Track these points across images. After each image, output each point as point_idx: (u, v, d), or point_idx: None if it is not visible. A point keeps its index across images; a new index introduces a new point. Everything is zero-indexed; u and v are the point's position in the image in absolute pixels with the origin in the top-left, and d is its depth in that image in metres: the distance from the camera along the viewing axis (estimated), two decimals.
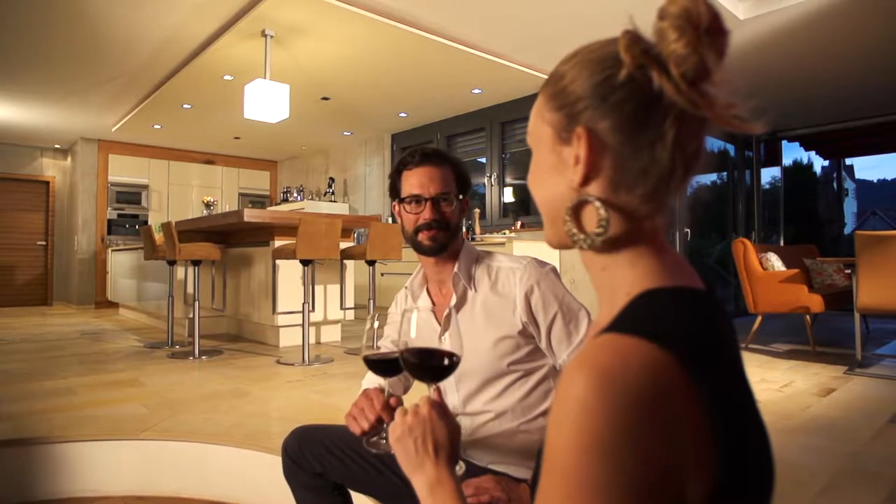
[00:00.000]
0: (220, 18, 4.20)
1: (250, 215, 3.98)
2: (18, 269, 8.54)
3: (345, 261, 4.42)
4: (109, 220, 8.18)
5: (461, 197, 1.30)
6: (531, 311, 1.21)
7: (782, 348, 4.45)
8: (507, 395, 1.24)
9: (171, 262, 4.44)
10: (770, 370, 3.62)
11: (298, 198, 8.22)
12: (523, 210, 6.22)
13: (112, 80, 5.56)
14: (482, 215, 6.22)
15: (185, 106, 6.36)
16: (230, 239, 5.02)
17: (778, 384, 3.23)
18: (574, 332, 1.21)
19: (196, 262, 4.17)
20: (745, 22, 4.20)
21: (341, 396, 2.90)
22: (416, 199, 1.25)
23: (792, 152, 8.49)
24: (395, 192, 1.31)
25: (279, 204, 8.49)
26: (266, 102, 4.25)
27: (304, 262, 3.86)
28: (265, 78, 4.33)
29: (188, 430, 2.38)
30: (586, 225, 0.59)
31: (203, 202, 5.44)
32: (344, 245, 4.35)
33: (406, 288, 1.39)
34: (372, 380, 1.44)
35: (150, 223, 8.35)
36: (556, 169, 0.60)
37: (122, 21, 4.20)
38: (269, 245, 4.43)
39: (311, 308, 3.96)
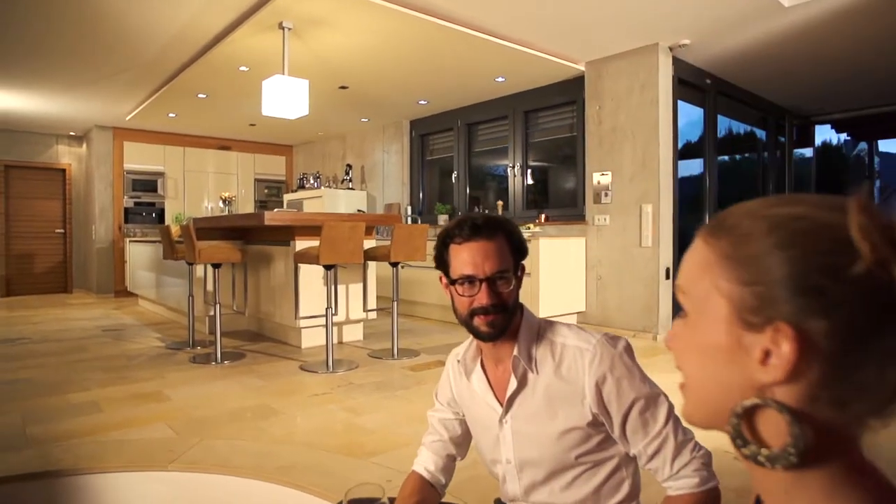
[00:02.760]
0: (236, 10, 4.03)
1: (271, 218, 3.87)
2: (38, 257, 8.56)
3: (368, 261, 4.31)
4: (126, 209, 8.13)
5: (518, 268, 1.17)
6: (603, 402, 1.08)
7: None
8: (576, 487, 1.13)
9: (191, 263, 4.36)
10: None
11: (315, 185, 8.09)
12: (545, 200, 6.05)
13: (126, 70, 5.43)
14: (505, 206, 6.06)
15: (200, 95, 6.21)
16: (249, 236, 4.93)
17: None
18: (651, 421, 1.09)
19: (216, 265, 4.08)
20: (789, 10, 3.95)
21: (369, 417, 2.82)
22: (470, 280, 1.11)
23: (821, 133, 8.17)
24: (442, 265, 1.17)
25: (296, 191, 8.38)
26: (285, 98, 4.10)
27: (327, 267, 3.76)
28: (283, 73, 4.17)
29: (216, 459, 2.31)
30: (762, 432, 0.46)
31: (221, 198, 5.34)
32: (365, 244, 4.24)
33: (459, 361, 1.27)
34: (426, 457, 1.33)
35: (167, 221, 8.30)
36: (728, 354, 0.47)
37: (136, 13, 4.05)
38: (290, 245, 4.33)
39: (333, 312, 3.87)
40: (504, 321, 1.11)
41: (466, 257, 1.11)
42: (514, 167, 6.10)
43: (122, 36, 4.50)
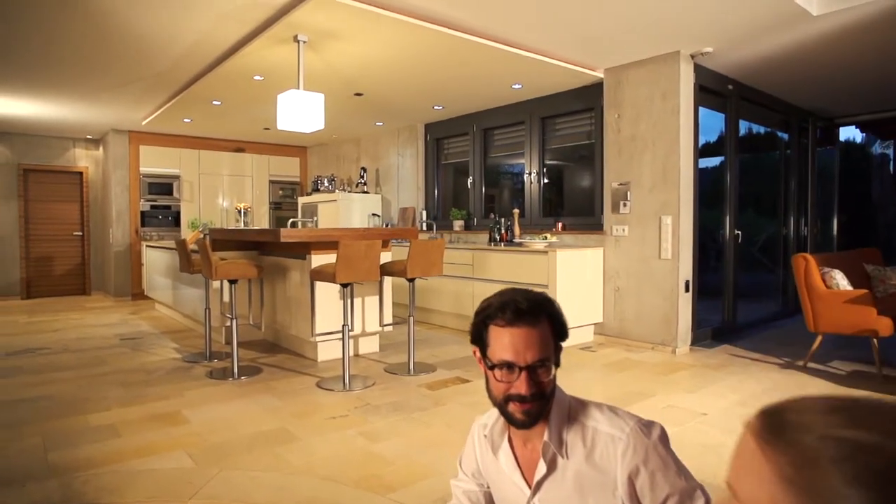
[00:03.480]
0: (251, 24, 4.00)
1: (287, 235, 3.85)
2: (57, 260, 8.65)
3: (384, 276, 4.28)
4: (142, 212, 8.18)
5: (558, 351, 1.13)
6: (636, 495, 1.04)
7: (844, 368, 4.21)
8: None
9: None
10: None
11: (330, 187, 8.07)
12: (562, 207, 5.97)
13: (141, 79, 5.43)
14: (521, 214, 5.99)
15: (215, 102, 6.20)
16: (265, 247, 4.92)
17: None
18: None
19: (232, 280, 4.07)
20: (817, 18, 3.84)
21: (387, 444, 2.79)
22: (509, 367, 1.07)
23: (845, 132, 7.98)
24: (479, 342, 1.13)
25: (310, 194, 8.37)
26: (300, 112, 4.06)
27: (344, 284, 3.73)
28: (299, 87, 4.13)
29: (235, 493, 2.31)
30: None
31: (237, 208, 5.33)
32: (382, 256, 4.20)
33: (486, 435, 1.24)
34: (463, 483, 1.31)
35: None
36: None
37: (152, 26, 4.03)
38: (306, 259, 4.32)
39: (350, 328, 3.86)
40: (540, 409, 1.08)
41: (507, 342, 1.07)
42: (530, 174, 6.03)
43: (139, 48, 4.49)
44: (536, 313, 1.08)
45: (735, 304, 5.48)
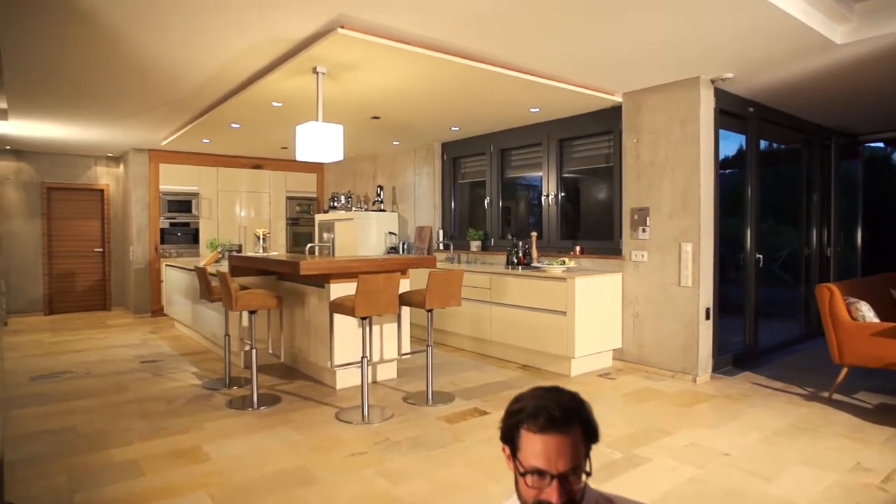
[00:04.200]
0: (271, 56, 4.03)
1: (306, 268, 3.87)
2: (79, 276, 8.78)
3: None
4: (162, 230, 8.28)
5: (589, 452, 1.11)
6: None
7: (871, 401, 4.13)
8: None
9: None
10: (863, 444, 3.33)
11: (347, 204, 8.11)
12: (579, 229, 5.94)
13: (163, 104, 5.50)
14: (539, 236, 5.97)
15: (234, 125, 6.27)
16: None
17: (879, 474, 2.95)
18: None
19: (252, 311, 4.10)
20: (842, 46, 3.78)
21: (408, 487, 2.79)
22: (540, 474, 1.07)
23: (869, 147, 7.83)
24: (510, 442, 1.13)
25: (327, 211, 8.41)
26: (319, 143, 4.08)
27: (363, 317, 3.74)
28: (318, 118, 4.16)
29: None
30: None
31: (255, 235, 5.38)
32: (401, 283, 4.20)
33: None
34: None
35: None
36: None
37: (175, 59, 4.08)
38: (325, 288, 4.34)
39: (369, 360, 3.86)
40: None
41: (539, 449, 1.06)
42: (547, 195, 6.00)
43: (163, 78, 4.55)
44: (569, 420, 1.07)
45: (756, 328, 5.41)
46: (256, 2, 3.09)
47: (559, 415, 1.07)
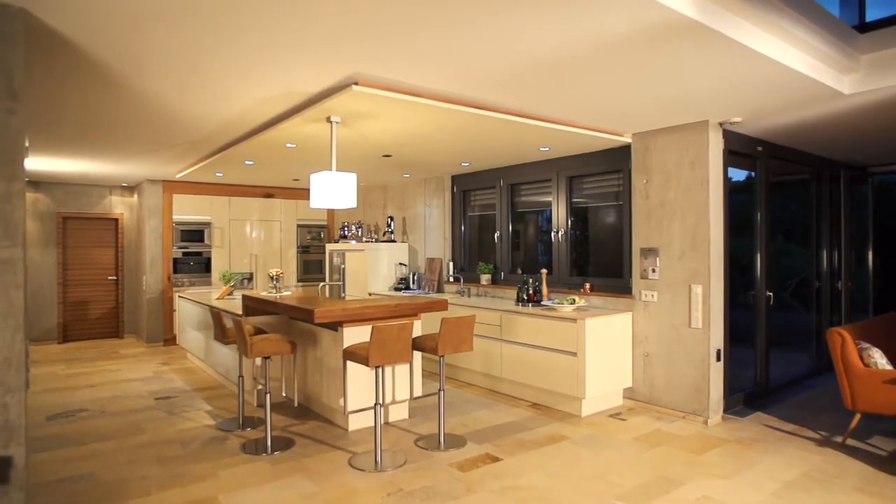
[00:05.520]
0: (286, 106, 4.12)
1: (320, 316, 3.92)
2: (92, 304, 8.89)
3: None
4: (174, 259, 8.38)
5: None
6: None
7: (886, 447, 4.11)
8: None
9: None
10: (879, 499, 3.32)
11: (358, 233, 8.19)
12: (589, 265, 5.96)
13: (177, 145, 5.61)
14: (549, 272, 6.00)
15: (248, 162, 6.37)
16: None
17: None
18: None
19: (266, 357, 4.16)
20: (850, 96, 3.82)
21: None
22: None
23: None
24: None
25: (337, 241, 8.49)
26: (333, 192, 4.15)
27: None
28: (331, 167, 4.23)
29: None
30: None
31: (269, 275, 5.45)
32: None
33: None
34: None
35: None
36: None
37: (192, 110, 4.18)
38: (338, 331, 4.39)
39: (381, 404, 3.90)
40: None
41: None
42: (557, 232, 6.05)
43: (178, 125, 4.66)
44: None
45: (767, 364, 5.40)
46: (273, 57, 3.16)
47: None
